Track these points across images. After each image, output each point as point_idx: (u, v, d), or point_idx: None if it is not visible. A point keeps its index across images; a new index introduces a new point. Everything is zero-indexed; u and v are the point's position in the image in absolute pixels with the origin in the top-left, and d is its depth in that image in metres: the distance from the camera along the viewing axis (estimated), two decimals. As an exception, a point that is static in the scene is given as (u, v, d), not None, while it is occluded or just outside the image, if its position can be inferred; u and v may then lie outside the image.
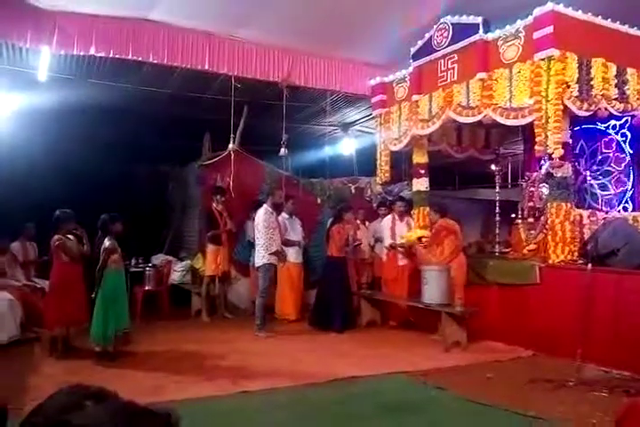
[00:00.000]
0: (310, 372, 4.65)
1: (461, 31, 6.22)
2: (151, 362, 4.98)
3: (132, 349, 5.28)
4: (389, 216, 7.28)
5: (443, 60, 6.52)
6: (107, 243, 5.06)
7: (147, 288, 7.23)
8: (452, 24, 6.36)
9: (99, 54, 6.55)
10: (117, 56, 6.63)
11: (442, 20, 6.47)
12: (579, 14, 5.38)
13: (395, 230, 7.08)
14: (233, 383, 4.30)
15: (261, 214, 6.46)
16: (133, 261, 7.72)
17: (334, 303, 6.52)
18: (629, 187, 6.79)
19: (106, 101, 7.72)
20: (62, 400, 0.78)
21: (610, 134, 6.96)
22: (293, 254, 7.09)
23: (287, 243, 6.97)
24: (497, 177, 7.02)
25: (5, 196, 7.00)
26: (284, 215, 7.17)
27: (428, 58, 6.72)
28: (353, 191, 8.94)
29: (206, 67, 7.15)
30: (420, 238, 6.50)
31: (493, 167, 7.20)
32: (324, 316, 6.57)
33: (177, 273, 7.88)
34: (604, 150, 7.00)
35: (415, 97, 6.89)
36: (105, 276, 5.02)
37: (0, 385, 4.10)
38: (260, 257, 6.38)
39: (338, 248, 6.71)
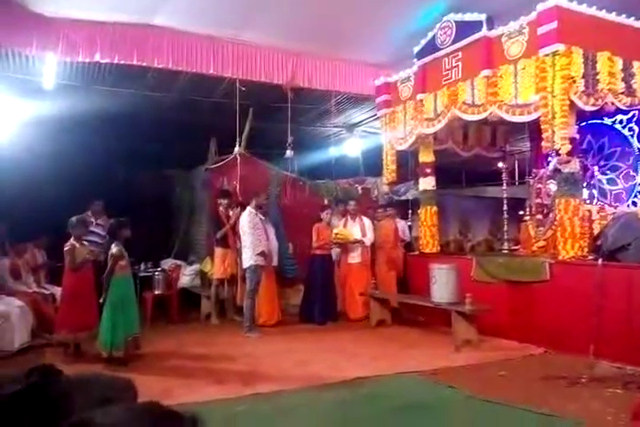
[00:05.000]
0: (321, 373, 4.62)
1: (465, 29, 6.21)
2: (161, 365, 4.99)
3: (141, 352, 5.28)
4: (345, 217, 7.56)
5: (447, 59, 6.51)
6: (114, 249, 5.06)
7: (156, 292, 7.24)
8: (455, 22, 6.35)
9: (104, 61, 6.60)
10: (122, 62, 6.67)
11: (445, 19, 6.46)
12: (583, 8, 5.35)
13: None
14: (244, 386, 4.29)
15: (245, 216, 6.54)
16: (143, 266, 7.75)
17: (316, 298, 7.00)
18: (638, 181, 6.74)
19: (112, 108, 7.75)
20: None
21: (617, 129, 6.91)
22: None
23: None
24: (504, 174, 6.99)
25: (14, 202, 7.05)
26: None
27: (431, 56, 6.71)
28: (359, 192, 8.92)
29: (211, 71, 7.18)
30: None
31: (500, 165, 7.16)
32: (307, 310, 7.09)
33: (186, 277, 7.89)
34: (611, 145, 6.95)
35: (420, 96, 6.88)
36: (112, 282, 5.03)
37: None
38: (247, 258, 6.44)
39: (318, 246, 7.13)
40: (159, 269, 7.71)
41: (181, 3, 6.25)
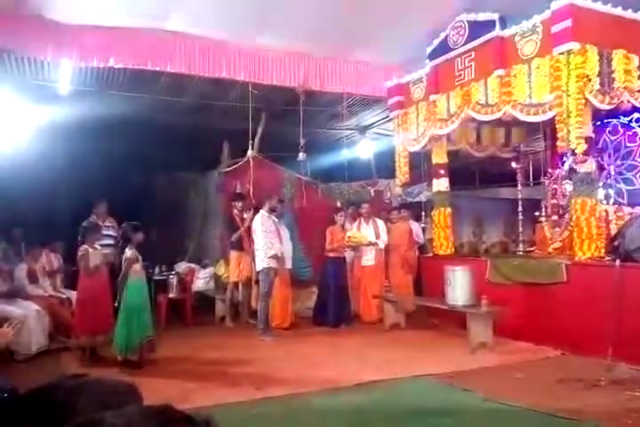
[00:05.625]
0: (334, 377, 4.59)
1: (478, 29, 6.17)
2: (175, 369, 5.00)
3: (156, 356, 5.30)
4: (359, 220, 7.54)
5: (460, 59, 6.47)
6: (128, 253, 5.10)
7: (171, 296, 7.28)
8: (467, 22, 6.31)
9: (117, 66, 6.66)
10: (136, 67, 6.73)
11: (458, 19, 6.42)
12: (598, 6, 5.28)
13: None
14: (257, 389, 4.28)
15: (258, 219, 6.55)
16: (157, 270, 7.80)
17: (330, 301, 6.98)
18: (656, 181, 6.63)
19: (126, 112, 7.83)
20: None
21: (633, 128, 6.81)
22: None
23: None
24: (518, 175, 6.91)
25: (30, 207, 7.14)
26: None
27: (444, 57, 6.67)
28: (372, 194, 8.90)
29: (223, 74, 7.21)
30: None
31: (514, 165, 7.08)
32: (321, 313, 7.07)
33: (200, 280, 7.91)
34: (627, 144, 6.84)
35: (433, 97, 6.84)
36: (127, 286, 5.06)
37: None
38: (260, 261, 6.45)
39: (331, 248, 7.11)
40: (173, 272, 7.75)
41: (193, 8, 6.29)
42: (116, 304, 5.10)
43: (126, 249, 5.15)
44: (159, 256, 7.79)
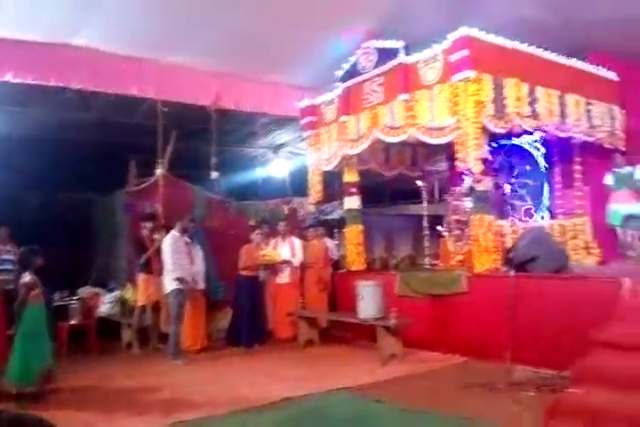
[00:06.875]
0: (248, 397, 4.51)
1: (385, 55, 6.45)
2: (79, 400, 4.67)
3: (58, 386, 4.95)
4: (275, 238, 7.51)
5: (368, 83, 6.73)
6: (27, 278, 4.78)
7: (72, 322, 6.84)
8: (375, 48, 6.60)
9: (15, 81, 6.30)
10: (37, 82, 6.40)
11: (365, 45, 6.71)
12: (492, 38, 5.71)
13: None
14: (166, 415, 4.10)
15: (168, 239, 6.39)
16: (58, 295, 7.32)
17: (243, 321, 6.88)
18: (545, 197, 7.23)
19: (25, 129, 7.40)
20: None
21: (525, 149, 7.41)
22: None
23: None
24: (424, 193, 7.26)
25: None
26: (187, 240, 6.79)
27: (354, 80, 6.92)
28: (286, 212, 8.95)
29: (133, 92, 7.05)
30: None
31: (420, 183, 7.43)
32: (234, 333, 6.94)
33: (106, 305, 7.51)
34: (520, 164, 7.43)
35: (343, 118, 7.06)
36: (25, 312, 4.72)
37: None
38: (168, 283, 6.27)
39: (245, 267, 7.02)
40: (76, 297, 7.31)
41: (102, 24, 6.12)
42: (10, 332, 4.72)
43: (24, 274, 4.82)
44: (60, 281, 7.33)
